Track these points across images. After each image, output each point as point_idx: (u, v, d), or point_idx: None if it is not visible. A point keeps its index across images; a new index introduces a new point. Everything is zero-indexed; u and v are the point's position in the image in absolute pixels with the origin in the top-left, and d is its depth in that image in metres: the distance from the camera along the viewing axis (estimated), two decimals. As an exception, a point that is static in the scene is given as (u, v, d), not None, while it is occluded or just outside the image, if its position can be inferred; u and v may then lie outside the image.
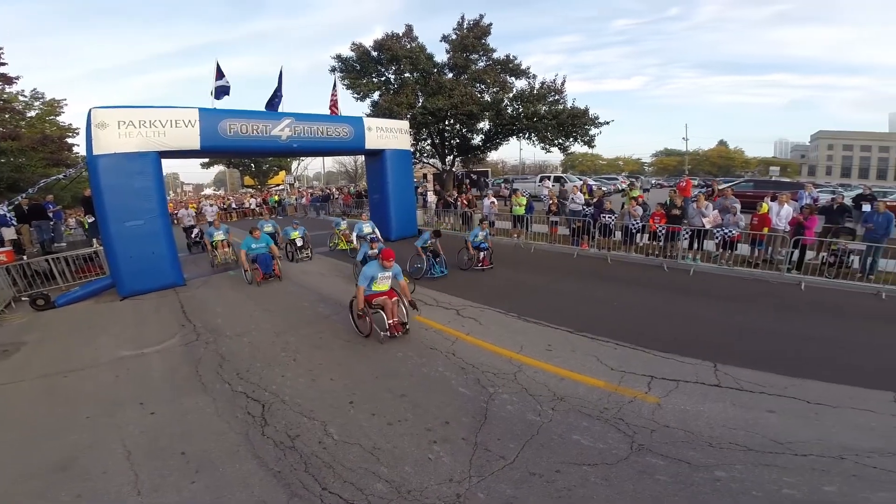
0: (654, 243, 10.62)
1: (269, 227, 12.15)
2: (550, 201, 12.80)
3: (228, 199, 32.31)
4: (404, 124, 14.44)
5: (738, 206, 10.39)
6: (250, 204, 28.84)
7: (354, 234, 11.21)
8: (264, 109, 11.88)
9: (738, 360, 5.07)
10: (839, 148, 78.00)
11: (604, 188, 17.53)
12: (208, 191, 65.76)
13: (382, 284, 5.85)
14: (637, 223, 10.56)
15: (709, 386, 4.55)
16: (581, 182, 20.64)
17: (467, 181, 25.82)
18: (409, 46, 20.36)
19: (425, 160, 25.21)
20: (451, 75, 20.89)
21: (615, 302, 7.57)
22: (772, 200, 10.82)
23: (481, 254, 9.90)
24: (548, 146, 21.15)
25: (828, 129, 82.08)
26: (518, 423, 3.94)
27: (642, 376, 4.75)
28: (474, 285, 8.59)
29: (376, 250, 7.56)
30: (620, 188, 29.15)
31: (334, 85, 14.13)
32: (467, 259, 10.03)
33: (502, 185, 27.72)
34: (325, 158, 48.68)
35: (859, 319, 6.72)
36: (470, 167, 27.78)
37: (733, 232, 9.82)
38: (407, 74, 20.84)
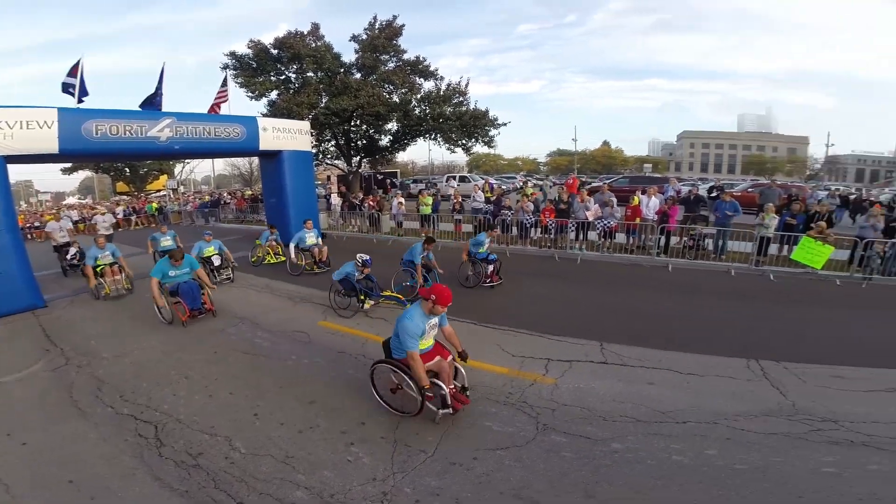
0: (546, 236, 11.56)
1: (167, 241, 10.54)
2: (455, 200, 13.28)
3: (95, 209, 27.68)
4: (304, 125, 13.94)
5: (615, 200, 11.76)
6: (118, 214, 24.41)
7: (293, 245, 9.89)
8: (139, 108, 10.71)
9: (619, 337, 5.73)
10: (699, 146, 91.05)
11: (503, 187, 18.57)
12: (71, 199, 57.11)
13: (428, 340, 4.11)
14: (530, 218, 11.37)
15: (597, 364, 5.09)
16: (483, 181, 21.62)
17: (385, 183, 25.61)
18: (314, 45, 19.70)
19: (329, 162, 24.53)
20: (358, 75, 20.61)
21: (514, 293, 8.09)
22: (642, 194, 12.34)
23: (489, 267, 8.30)
24: (452, 146, 21.80)
25: (691, 129, 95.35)
26: (434, 417, 4.01)
27: (540, 360, 5.15)
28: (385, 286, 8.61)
29: (364, 274, 6.90)
30: (518, 187, 31.16)
31: (223, 83, 13.19)
32: (471, 274, 8.46)
33: (423, 184, 27.78)
34: (217, 161, 44.96)
35: (715, 295, 7.95)
36: (378, 168, 27.62)
37: (611, 223, 11.06)
38: (310, 74, 20.14)
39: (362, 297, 6.85)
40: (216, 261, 9.37)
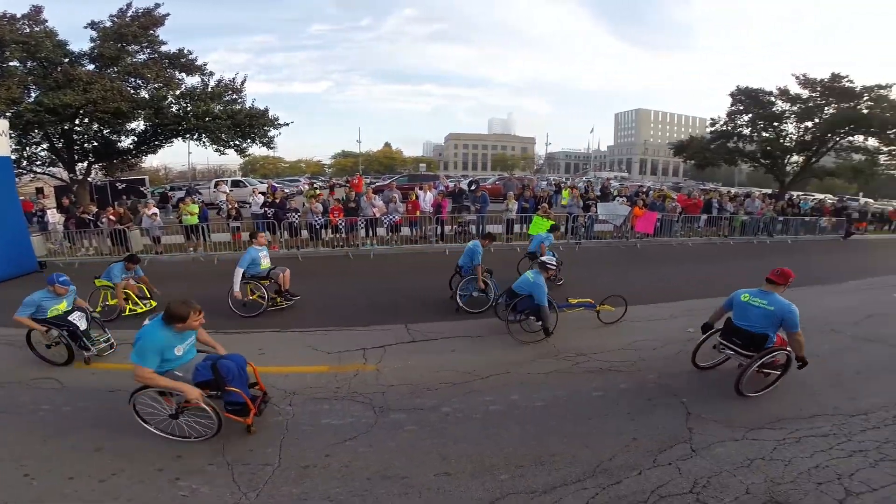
0: (338, 236, 11.75)
1: None
2: (230, 206, 12.03)
3: None
4: (1, 124, 10.39)
5: (399, 196, 12.80)
6: None
7: (240, 272, 6.54)
8: None
9: (419, 317, 6.47)
10: (461, 146, 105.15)
11: (286, 190, 17.76)
12: None
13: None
14: (319, 219, 11.34)
15: (407, 343, 5.64)
16: (266, 185, 20.20)
17: (131, 192, 20.78)
18: (28, 30, 14.85)
19: (39, 169, 18.88)
20: (91, 67, 16.37)
21: (316, 294, 7.90)
22: (419, 189, 13.75)
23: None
24: (222, 148, 19.59)
25: (455, 131, 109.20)
26: (263, 430, 3.79)
27: (356, 351, 5.36)
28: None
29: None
30: (303, 189, 30.29)
31: None
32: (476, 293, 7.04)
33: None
34: None
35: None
36: (118, 175, 22.42)
37: (396, 217, 12.01)
38: (14, 63, 15.07)
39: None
40: (80, 322, 5.30)
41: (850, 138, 25.38)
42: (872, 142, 25.40)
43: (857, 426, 3.96)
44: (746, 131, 27.05)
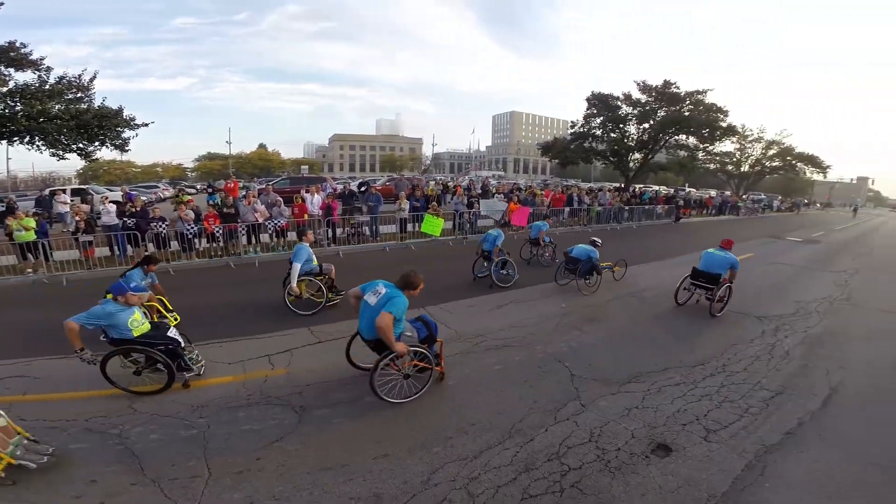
0: (215, 245, 10.83)
1: None
2: (77, 218, 10.29)
3: None
4: None
5: (282, 200, 12.22)
6: None
7: (298, 267, 6.61)
8: None
9: (320, 319, 6.41)
10: (347, 148, 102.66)
11: (143, 197, 15.65)
12: None
13: None
14: (192, 228, 10.35)
15: (313, 345, 5.55)
16: (122, 192, 17.56)
17: None
18: None
19: None
20: None
21: (205, 307, 7.19)
22: (306, 192, 13.29)
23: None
24: (61, 152, 16.65)
25: (340, 132, 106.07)
26: (178, 444, 3.57)
27: (260, 358, 5.14)
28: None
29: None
30: (164, 196, 27.08)
31: None
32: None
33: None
34: None
35: (377, 269, 9.58)
36: None
37: (282, 222, 11.47)
38: None
39: None
40: (174, 333, 4.59)
41: (676, 137, 30.73)
42: (693, 140, 31.12)
43: (699, 374, 5.00)
44: (599, 132, 31.10)
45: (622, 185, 31.49)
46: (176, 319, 5.47)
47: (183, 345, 4.55)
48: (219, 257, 10.66)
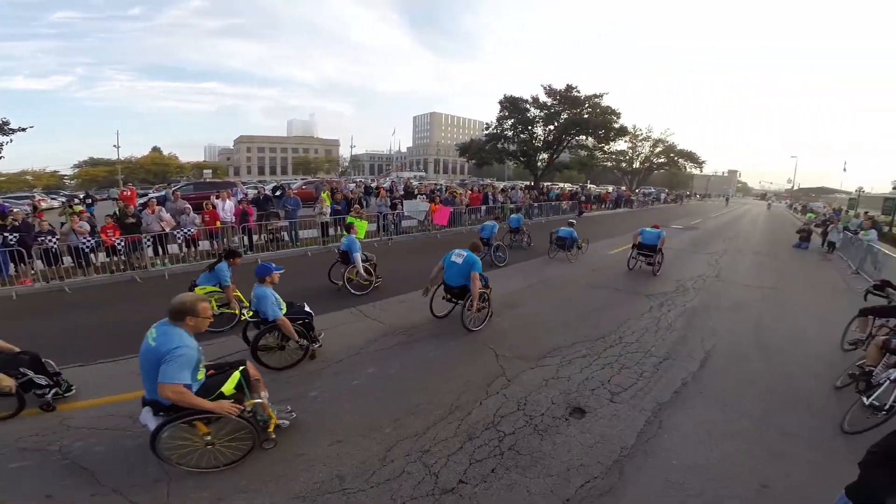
0: (117, 259, 9.90)
1: None
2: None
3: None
4: None
5: (191, 207, 11.45)
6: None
7: (359, 260, 7.96)
8: None
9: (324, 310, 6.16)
10: (255, 150, 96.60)
11: (16, 209, 13.64)
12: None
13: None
14: (89, 241, 9.38)
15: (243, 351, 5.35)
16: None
17: None
18: None
19: None
20: None
21: (116, 323, 6.67)
22: (216, 198, 12.56)
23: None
24: None
25: (247, 133, 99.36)
26: (127, 453, 3.50)
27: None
28: None
29: None
30: (41, 207, 23.77)
31: None
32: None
33: None
34: None
35: (304, 273, 9.46)
36: None
37: (193, 230, 10.79)
38: None
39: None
40: None
41: (577, 138, 33.48)
42: (591, 141, 34.11)
43: (601, 346, 5.77)
44: (510, 134, 32.88)
45: (532, 184, 33.61)
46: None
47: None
48: (122, 272, 9.77)
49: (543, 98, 31.53)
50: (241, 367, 3.51)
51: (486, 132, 34.20)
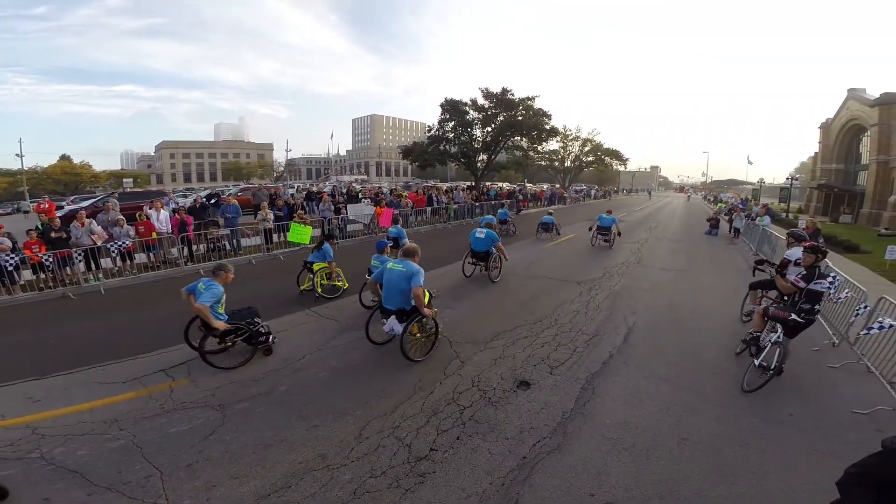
0: (45, 276, 9.27)
1: None
2: None
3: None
4: None
5: (124, 219, 10.91)
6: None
7: None
8: None
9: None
10: (179, 156, 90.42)
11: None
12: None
13: None
14: (11, 258, 8.73)
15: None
16: None
17: None
18: None
19: None
20: None
21: (55, 342, 6.37)
22: (150, 209, 12.03)
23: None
24: None
25: (169, 139, 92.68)
26: (112, 454, 3.61)
27: (155, 374, 5.07)
28: None
29: None
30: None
31: None
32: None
33: None
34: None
35: (242, 283, 9.41)
36: None
37: (128, 243, 10.32)
38: None
39: None
40: None
41: (513, 139, 34.99)
42: (526, 141, 35.78)
43: (539, 329, 6.48)
44: (451, 136, 33.72)
45: (472, 184, 34.68)
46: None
47: None
48: (51, 289, 9.18)
49: (481, 101, 32.69)
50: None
51: (429, 135, 34.81)
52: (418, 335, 5.40)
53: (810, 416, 4.30)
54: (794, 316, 4.76)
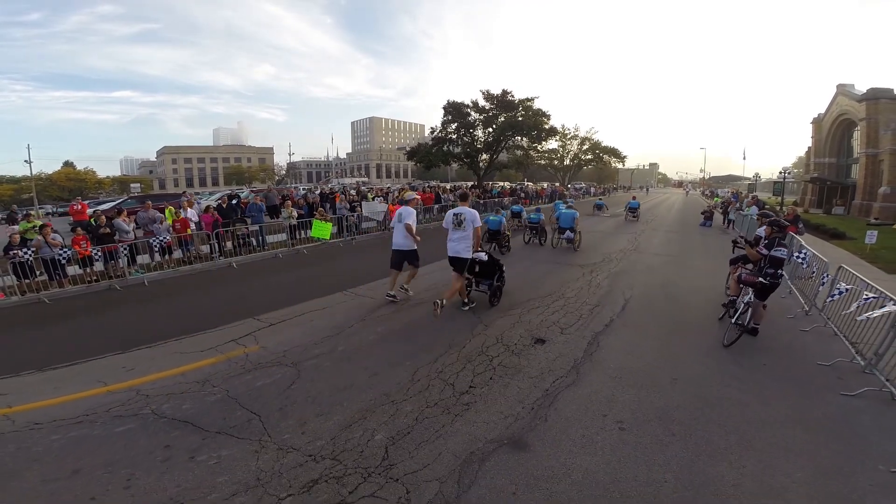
0: (91, 269, 10.14)
1: None
2: None
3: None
4: None
5: (162, 216, 11.83)
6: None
7: None
8: None
9: (259, 311, 7.21)
10: (181, 161, 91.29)
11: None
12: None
13: None
14: (64, 252, 9.60)
15: (267, 327, 6.45)
16: None
17: None
18: None
19: None
20: None
21: (127, 323, 7.30)
22: (179, 208, 12.93)
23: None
24: None
25: (170, 144, 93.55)
26: (212, 406, 4.25)
27: (227, 344, 5.85)
28: None
29: None
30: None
31: None
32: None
33: None
34: None
35: (263, 274, 10.31)
36: None
37: (167, 238, 11.21)
38: None
39: None
40: None
41: (514, 139, 35.94)
42: (526, 141, 36.71)
43: (548, 301, 7.42)
44: (454, 137, 34.67)
45: (475, 183, 35.60)
46: None
47: None
48: (97, 282, 10.03)
49: (482, 102, 33.64)
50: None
51: (432, 136, 35.76)
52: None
53: (781, 366, 5.15)
54: (760, 279, 5.67)
